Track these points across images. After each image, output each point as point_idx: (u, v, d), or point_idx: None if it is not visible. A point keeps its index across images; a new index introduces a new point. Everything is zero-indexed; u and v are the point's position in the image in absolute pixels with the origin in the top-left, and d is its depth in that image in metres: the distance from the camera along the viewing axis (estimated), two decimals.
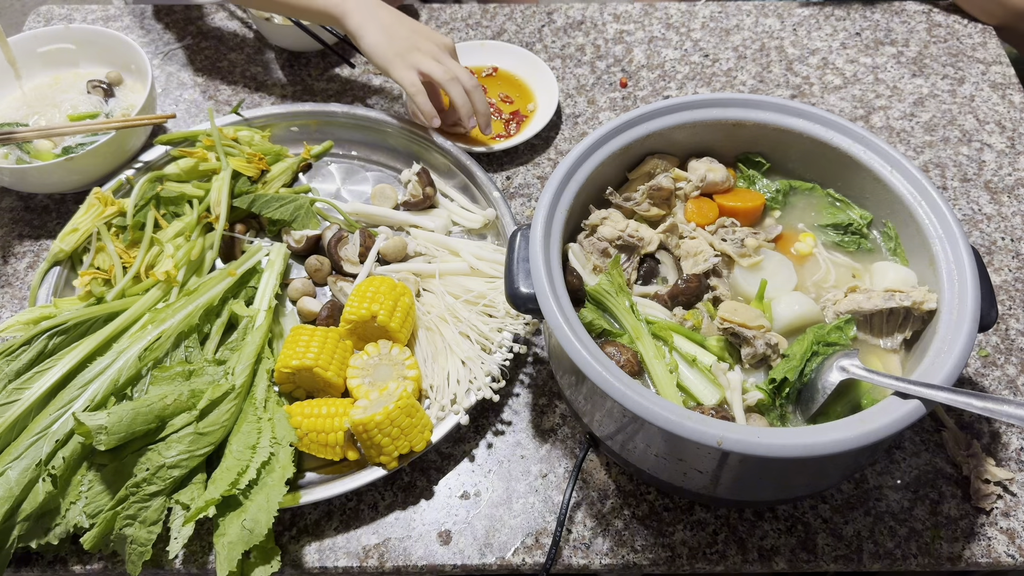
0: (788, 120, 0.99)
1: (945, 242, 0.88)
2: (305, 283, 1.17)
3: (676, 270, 0.99)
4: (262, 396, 1.01)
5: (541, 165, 1.36)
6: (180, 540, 0.91)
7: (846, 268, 0.98)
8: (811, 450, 0.73)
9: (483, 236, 1.24)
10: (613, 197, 1.01)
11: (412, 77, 1.25)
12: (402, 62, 1.25)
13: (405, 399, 0.96)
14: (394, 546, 0.97)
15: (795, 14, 1.59)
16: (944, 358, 0.79)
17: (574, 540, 0.98)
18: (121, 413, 0.91)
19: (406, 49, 1.25)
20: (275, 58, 1.53)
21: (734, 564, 0.96)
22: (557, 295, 0.84)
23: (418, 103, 1.26)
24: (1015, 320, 1.15)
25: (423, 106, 1.26)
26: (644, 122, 0.99)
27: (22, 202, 1.32)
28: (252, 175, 1.25)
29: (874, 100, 1.44)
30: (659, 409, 0.75)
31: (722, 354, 0.90)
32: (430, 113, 1.27)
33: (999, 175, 1.32)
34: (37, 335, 1.02)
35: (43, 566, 0.97)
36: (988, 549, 0.96)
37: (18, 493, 0.90)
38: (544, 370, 1.12)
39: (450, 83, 1.25)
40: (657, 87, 1.47)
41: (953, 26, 1.55)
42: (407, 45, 1.25)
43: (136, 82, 1.39)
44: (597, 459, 1.04)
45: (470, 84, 1.27)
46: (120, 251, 1.15)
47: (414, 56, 1.25)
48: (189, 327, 1.06)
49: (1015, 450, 1.03)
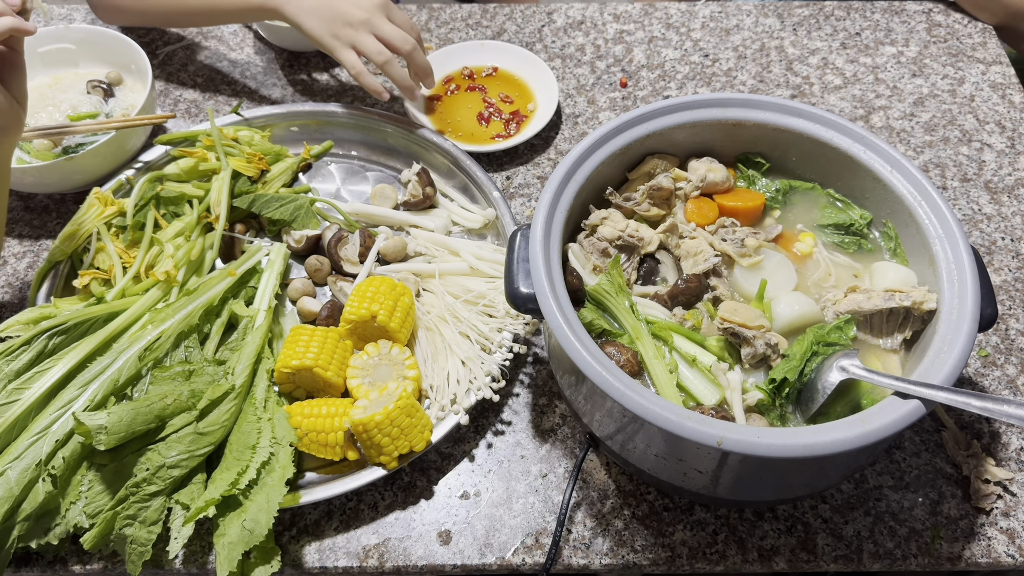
0: (788, 120, 0.99)
1: (945, 242, 0.88)
2: (305, 283, 1.17)
3: (676, 270, 0.99)
4: (262, 396, 1.01)
5: (541, 165, 1.36)
6: (180, 540, 0.91)
7: (846, 268, 0.98)
8: (811, 450, 0.73)
9: (483, 236, 1.24)
10: (613, 197, 1.01)
11: (351, 58, 1.25)
12: (339, 42, 1.24)
13: (405, 399, 0.96)
14: (394, 546, 0.97)
15: (795, 14, 1.59)
16: (944, 358, 0.79)
17: (574, 540, 0.98)
18: (121, 413, 0.91)
19: (339, 25, 1.24)
20: (275, 58, 1.53)
21: (734, 564, 0.96)
22: (557, 295, 0.84)
23: (364, 84, 1.26)
24: (1015, 320, 1.15)
25: (369, 85, 1.26)
26: (644, 122, 0.99)
27: (22, 202, 1.32)
28: (252, 175, 1.25)
29: (874, 100, 1.44)
30: (659, 409, 0.75)
31: (722, 354, 0.90)
32: (378, 90, 1.27)
33: (999, 175, 1.32)
34: (37, 335, 1.02)
35: (43, 566, 0.97)
36: (988, 549, 0.96)
37: (18, 493, 0.90)
38: (544, 370, 1.12)
39: (386, 66, 1.25)
40: (657, 87, 1.47)
41: (953, 26, 1.55)
42: (339, 20, 1.24)
43: (136, 82, 1.39)
44: (597, 459, 1.04)
45: (407, 48, 1.26)
46: (120, 251, 1.15)
47: (347, 32, 1.24)
48: (189, 327, 1.06)
49: (1015, 450, 1.03)
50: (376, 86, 1.27)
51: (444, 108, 1.42)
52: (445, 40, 1.55)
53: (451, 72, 1.46)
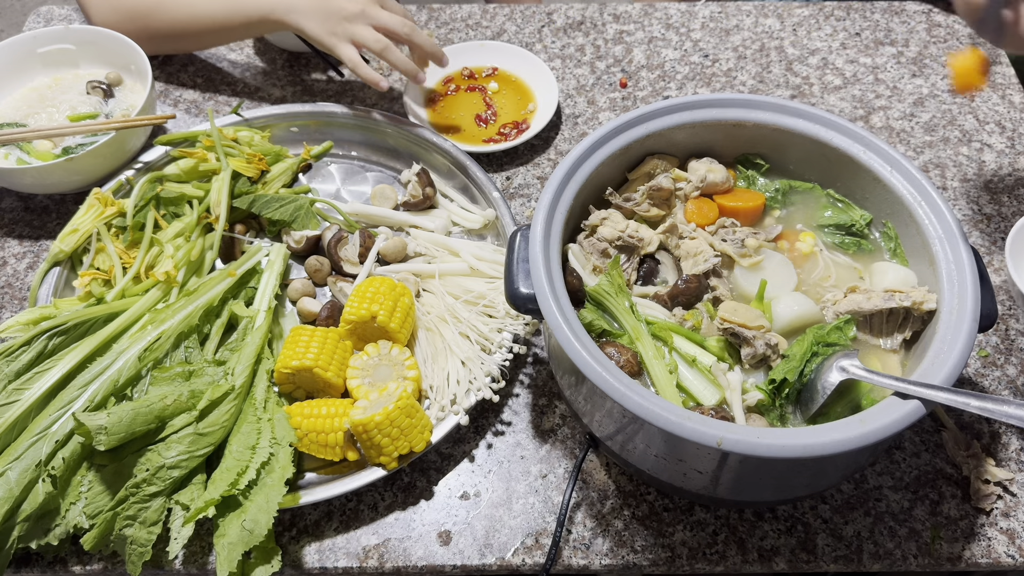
0: (788, 120, 0.99)
1: (945, 242, 0.88)
2: (305, 283, 1.17)
3: (676, 270, 0.99)
4: (262, 396, 1.01)
5: (541, 165, 1.36)
6: (180, 540, 0.91)
7: (846, 268, 0.98)
8: (811, 450, 0.73)
9: (483, 236, 1.24)
10: (613, 197, 1.01)
11: (349, 51, 1.26)
12: (337, 38, 1.26)
13: (405, 399, 0.96)
14: (394, 547, 0.97)
15: (795, 14, 1.59)
16: (944, 358, 0.79)
17: (574, 540, 0.98)
18: (121, 413, 0.91)
19: (335, 22, 1.26)
20: (275, 58, 1.53)
21: (734, 564, 0.96)
22: (557, 295, 0.84)
23: (361, 75, 1.28)
24: (1015, 320, 1.15)
25: (366, 76, 1.28)
26: (644, 122, 0.99)
27: (22, 202, 1.32)
28: (252, 175, 1.25)
29: (874, 100, 1.44)
30: (659, 409, 0.75)
31: (722, 354, 0.90)
32: (375, 80, 1.28)
33: (999, 175, 1.32)
34: (37, 336, 1.02)
35: (43, 566, 0.96)
36: (988, 549, 0.96)
37: (18, 494, 0.90)
38: (544, 370, 1.12)
39: (385, 52, 1.26)
40: (657, 87, 1.47)
41: (953, 26, 1.55)
42: (335, 17, 1.26)
43: (136, 82, 1.39)
44: (597, 459, 1.04)
45: (405, 32, 1.28)
46: (120, 251, 1.15)
47: (344, 27, 1.26)
48: (189, 328, 1.06)
49: (1015, 450, 1.03)
50: (373, 76, 1.28)
51: (444, 108, 1.42)
52: (445, 40, 1.55)
53: (451, 72, 1.46)
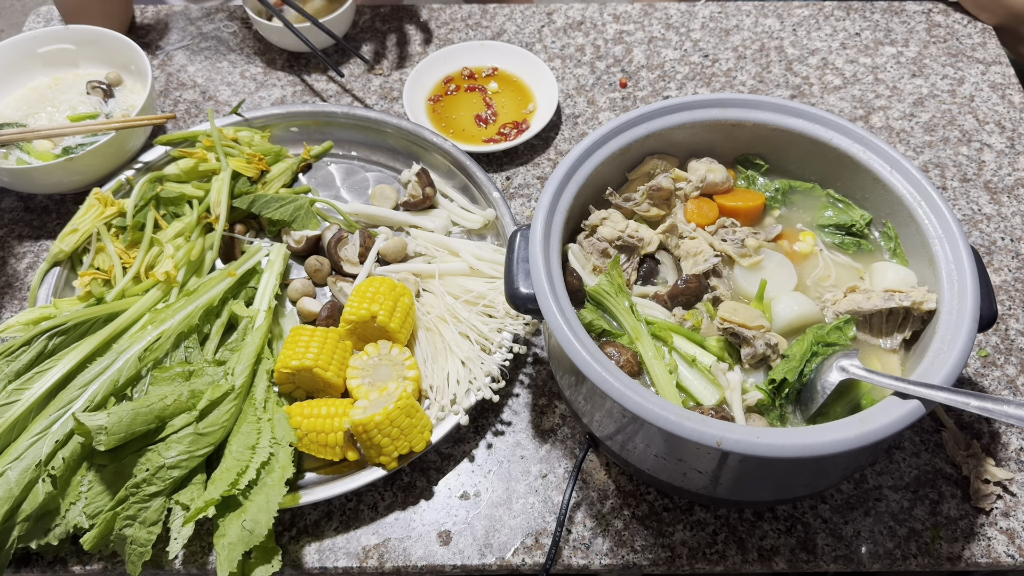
0: (787, 120, 0.99)
1: (945, 242, 0.88)
2: (305, 283, 1.17)
3: (676, 270, 0.99)
4: (262, 396, 1.01)
5: (541, 165, 1.36)
6: (180, 540, 0.91)
7: (846, 268, 0.98)
8: (811, 450, 0.73)
9: (483, 236, 1.24)
10: (613, 197, 1.01)
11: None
12: None
13: (405, 399, 0.96)
14: (394, 546, 0.97)
15: (795, 14, 1.59)
16: (944, 358, 0.79)
17: (574, 540, 0.98)
18: (121, 413, 0.91)
19: None
20: (275, 58, 1.53)
21: (734, 564, 0.96)
22: (557, 295, 0.84)
23: None
24: (1015, 320, 1.15)
25: None
26: (644, 122, 0.99)
27: (22, 202, 1.32)
28: (252, 175, 1.25)
29: (874, 100, 1.44)
30: (659, 409, 0.75)
31: (722, 354, 0.90)
32: None
33: (999, 175, 1.32)
34: (37, 336, 1.02)
35: (43, 566, 0.96)
36: (988, 549, 0.96)
37: (18, 494, 0.90)
38: (544, 370, 1.12)
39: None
40: (657, 87, 1.47)
41: (953, 26, 1.55)
42: None
43: (136, 82, 1.39)
44: (597, 459, 1.04)
45: None
46: (120, 251, 1.15)
47: None
48: (189, 328, 1.06)
49: (1015, 450, 1.03)
50: None
51: (444, 108, 1.42)
52: (445, 40, 1.55)
53: (451, 72, 1.47)
